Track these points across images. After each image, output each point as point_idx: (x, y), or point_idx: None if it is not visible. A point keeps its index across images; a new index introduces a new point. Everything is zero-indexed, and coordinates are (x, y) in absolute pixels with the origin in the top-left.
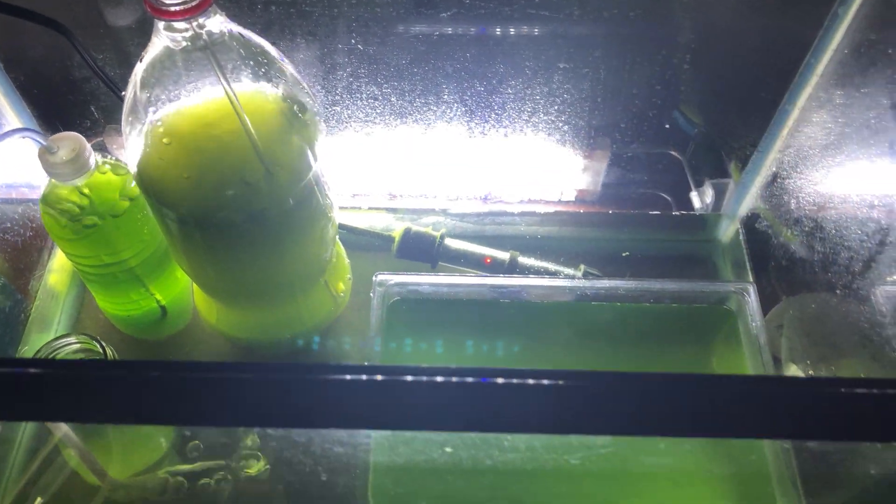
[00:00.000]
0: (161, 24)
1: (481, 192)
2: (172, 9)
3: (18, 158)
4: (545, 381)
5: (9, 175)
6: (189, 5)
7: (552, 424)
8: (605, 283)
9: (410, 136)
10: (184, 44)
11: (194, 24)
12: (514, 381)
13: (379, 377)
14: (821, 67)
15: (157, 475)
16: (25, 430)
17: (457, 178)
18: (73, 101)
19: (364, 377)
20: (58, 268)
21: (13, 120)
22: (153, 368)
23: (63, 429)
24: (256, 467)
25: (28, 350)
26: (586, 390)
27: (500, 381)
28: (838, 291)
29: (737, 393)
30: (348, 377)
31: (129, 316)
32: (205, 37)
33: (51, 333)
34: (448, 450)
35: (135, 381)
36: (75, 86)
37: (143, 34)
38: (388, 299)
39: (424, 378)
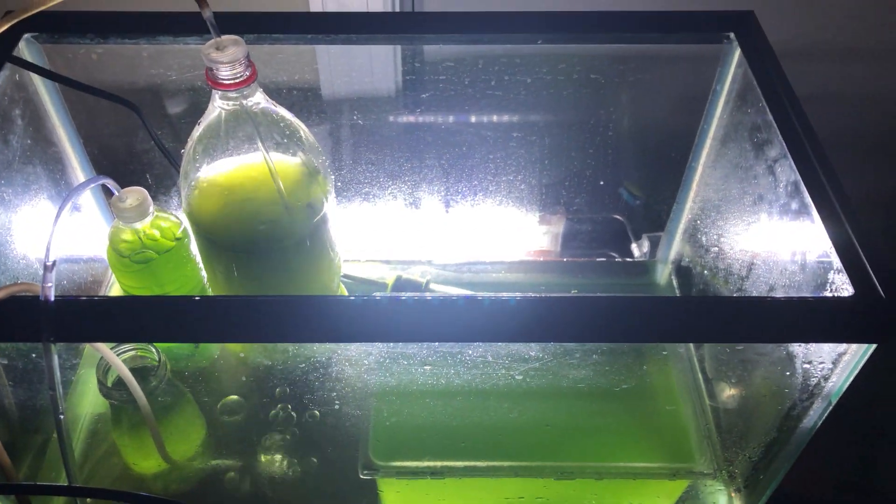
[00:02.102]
0: (217, 94)
1: (460, 246)
2: (227, 82)
3: (81, 223)
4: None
5: (74, 237)
6: (238, 80)
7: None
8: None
9: (400, 199)
10: (232, 109)
11: (241, 94)
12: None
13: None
14: (711, 131)
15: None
16: (81, 431)
17: (439, 233)
18: (132, 169)
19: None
20: None
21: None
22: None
23: (145, 405)
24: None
25: (83, 371)
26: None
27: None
28: (735, 296)
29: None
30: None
31: (168, 346)
32: (248, 105)
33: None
34: (427, 367)
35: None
36: (135, 157)
37: (192, 115)
38: None
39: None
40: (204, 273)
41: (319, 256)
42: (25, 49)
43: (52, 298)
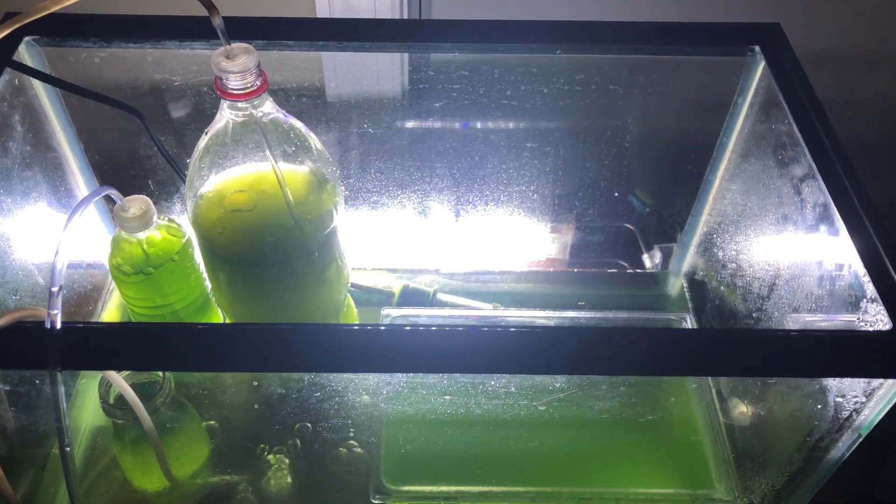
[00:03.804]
0: (226, 104)
1: (468, 255)
2: (237, 92)
3: (82, 228)
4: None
5: (75, 242)
6: (249, 90)
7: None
8: (568, 314)
9: (409, 207)
10: (242, 119)
11: (251, 104)
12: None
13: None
14: (731, 144)
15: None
16: (81, 443)
17: (447, 242)
18: (135, 175)
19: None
20: (108, 318)
21: (83, 189)
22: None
23: (148, 423)
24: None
25: (83, 381)
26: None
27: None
28: (754, 316)
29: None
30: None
31: None
32: (257, 115)
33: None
34: (447, 398)
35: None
36: (137, 164)
37: (198, 122)
38: None
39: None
40: (208, 283)
41: (328, 268)
42: (26, 52)
43: (59, 326)
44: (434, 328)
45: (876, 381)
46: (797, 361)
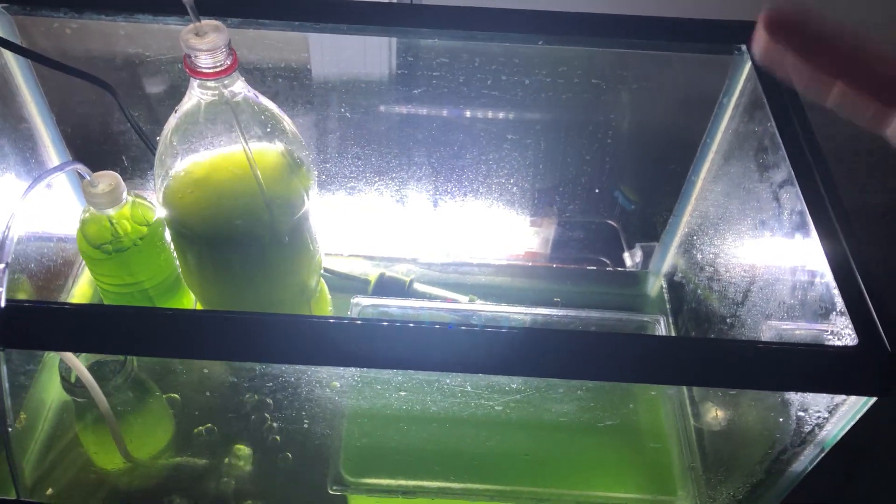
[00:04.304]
0: (196, 83)
1: (446, 246)
2: (207, 70)
3: (51, 201)
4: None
5: (42, 215)
6: (219, 69)
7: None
8: (541, 311)
9: (387, 195)
10: (211, 99)
11: (221, 83)
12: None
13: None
14: (714, 145)
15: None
16: (47, 418)
17: (425, 231)
18: (107, 150)
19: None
20: (78, 295)
21: (54, 161)
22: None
23: (104, 404)
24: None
25: (49, 357)
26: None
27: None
28: (728, 321)
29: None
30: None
31: None
32: (228, 95)
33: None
34: (402, 394)
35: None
36: (111, 138)
37: (172, 98)
38: (362, 317)
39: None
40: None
41: (299, 253)
42: None
43: (3, 304)
44: (394, 324)
45: (839, 397)
46: (759, 374)
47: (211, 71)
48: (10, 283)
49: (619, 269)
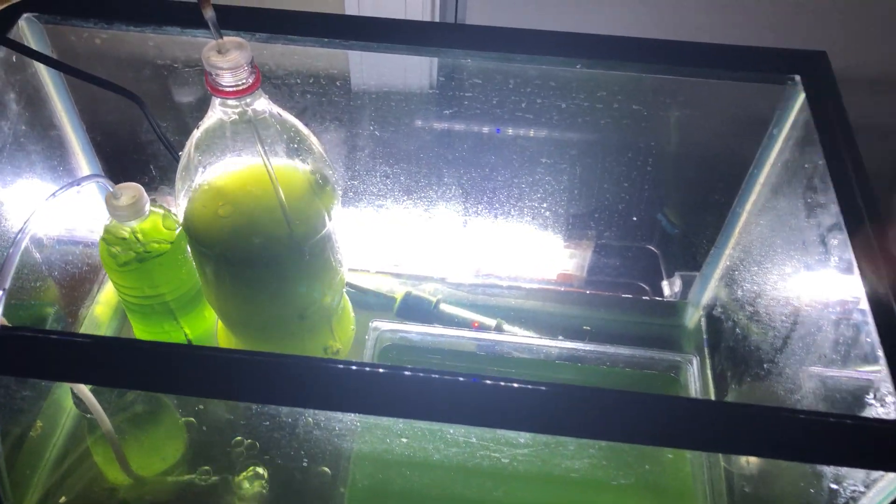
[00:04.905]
0: (217, 101)
1: (475, 266)
2: (228, 89)
3: (82, 207)
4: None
5: (73, 220)
6: (241, 87)
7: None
8: (568, 345)
9: (416, 212)
10: (234, 117)
11: (243, 102)
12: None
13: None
14: (762, 178)
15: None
16: (64, 426)
17: (455, 251)
18: (136, 159)
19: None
20: (103, 301)
21: (84, 170)
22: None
23: (107, 425)
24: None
25: None
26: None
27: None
28: (765, 367)
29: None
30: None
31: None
32: (250, 113)
33: None
34: (404, 440)
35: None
36: (140, 147)
37: (200, 109)
38: (381, 344)
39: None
40: None
41: (320, 271)
42: (26, 28)
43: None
44: (409, 374)
45: (877, 473)
46: (793, 445)
47: (233, 90)
48: (36, 288)
49: (657, 298)
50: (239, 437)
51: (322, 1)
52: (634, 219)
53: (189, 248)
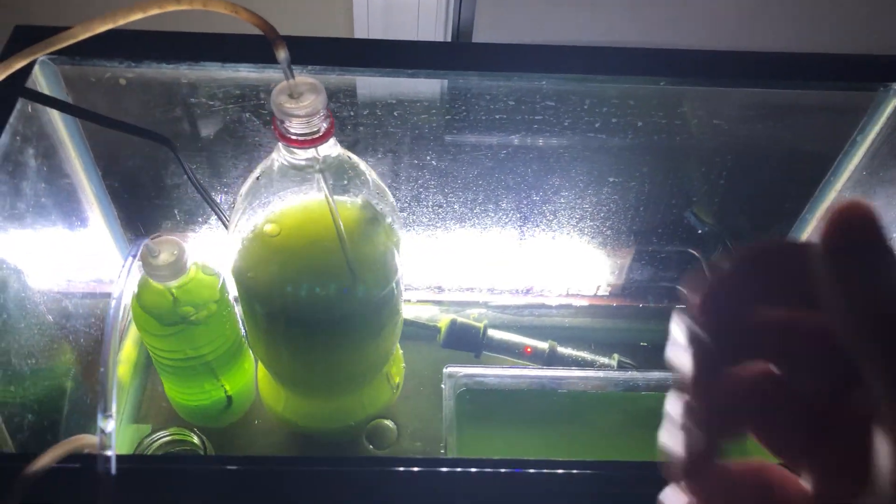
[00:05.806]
0: (282, 146)
1: (520, 287)
2: (300, 138)
3: (98, 256)
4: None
5: (90, 271)
6: (314, 136)
7: None
8: (654, 375)
9: (456, 236)
10: (301, 164)
11: (314, 149)
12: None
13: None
14: (839, 185)
15: None
16: None
17: (497, 273)
18: (158, 204)
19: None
20: (125, 360)
21: (98, 218)
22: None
23: None
24: None
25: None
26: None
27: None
28: None
29: None
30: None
31: (197, 406)
32: (321, 160)
33: (116, 420)
34: None
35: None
36: (163, 192)
37: (229, 148)
38: (457, 389)
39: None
40: (242, 327)
41: (387, 323)
42: (39, 72)
43: (115, 469)
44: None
45: None
46: None
47: (306, 139)
48: (52, 348)
49: None
50: None
51: (332, 25)
52: (700, 231)
53: (230, 299)
